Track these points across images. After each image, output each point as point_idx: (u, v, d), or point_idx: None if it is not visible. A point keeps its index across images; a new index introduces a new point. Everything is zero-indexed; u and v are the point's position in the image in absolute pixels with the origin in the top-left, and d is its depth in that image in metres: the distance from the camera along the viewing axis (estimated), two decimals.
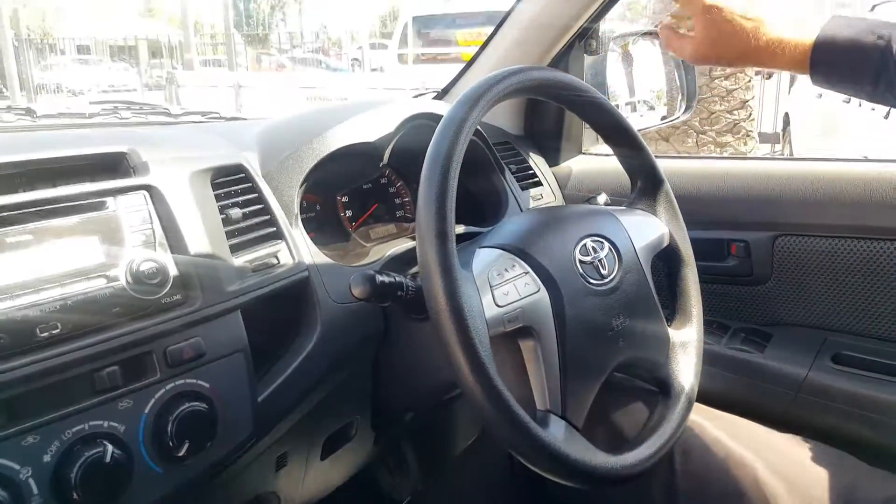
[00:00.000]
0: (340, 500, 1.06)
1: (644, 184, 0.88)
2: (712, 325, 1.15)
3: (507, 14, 1.18)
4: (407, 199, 1.10)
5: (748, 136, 5.03)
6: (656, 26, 0.86)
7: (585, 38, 1.19)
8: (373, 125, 0.92)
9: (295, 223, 0.82)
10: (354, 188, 1.04)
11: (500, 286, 0.67)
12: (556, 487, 0.68)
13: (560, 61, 1.20)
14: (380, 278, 0.66)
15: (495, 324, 0.65)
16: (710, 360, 0.88)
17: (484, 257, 0.71)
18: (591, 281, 0.73)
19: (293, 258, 0.77)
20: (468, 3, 8.22)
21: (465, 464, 1.21)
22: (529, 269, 0.70)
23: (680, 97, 1.50)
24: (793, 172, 1.11)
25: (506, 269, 0.69)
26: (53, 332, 0.57)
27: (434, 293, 0.60)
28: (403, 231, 1.04)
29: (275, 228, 0.78)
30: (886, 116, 3.71)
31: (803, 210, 1.07)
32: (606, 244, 0.77)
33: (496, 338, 0.64)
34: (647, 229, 0.84)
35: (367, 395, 0.92)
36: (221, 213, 0.74)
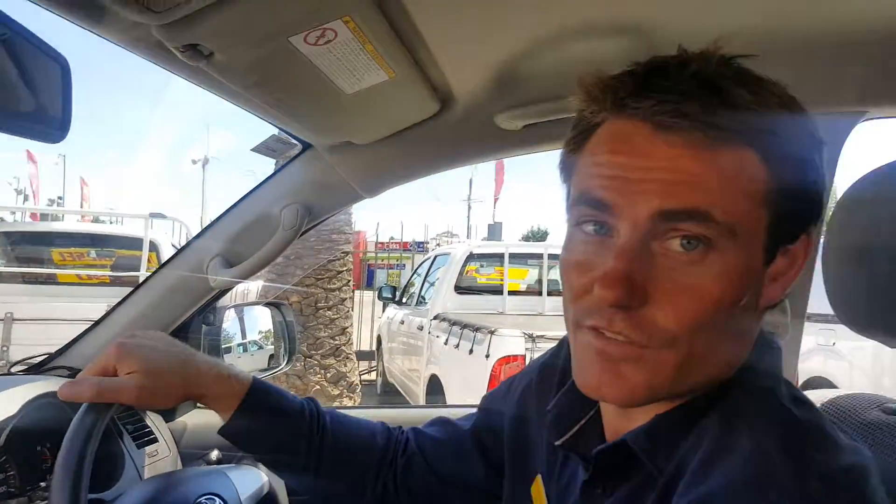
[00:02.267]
0: None
1: None
2: None
3: (143, 283, 1.34)
4: (11, 473, 1.06)
5: (348, 357, 5.77)
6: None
7: (204, 312, 1.42)
8: None
9: None
10: None
11: None
12: None
13: (181, 331, 1.38)
14: None
15: None
16: None
17: None
18: None
19: None
20: (64, 224, 7.37)
21: None
22: None
23: (283, 351, 1.83)
24: None
25: None
26: None
27: None
28: None
29: None
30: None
31: None
32: (218, 500, 0.93)
33: None
34: (251, 482, 1.03)
35: None
36: None
